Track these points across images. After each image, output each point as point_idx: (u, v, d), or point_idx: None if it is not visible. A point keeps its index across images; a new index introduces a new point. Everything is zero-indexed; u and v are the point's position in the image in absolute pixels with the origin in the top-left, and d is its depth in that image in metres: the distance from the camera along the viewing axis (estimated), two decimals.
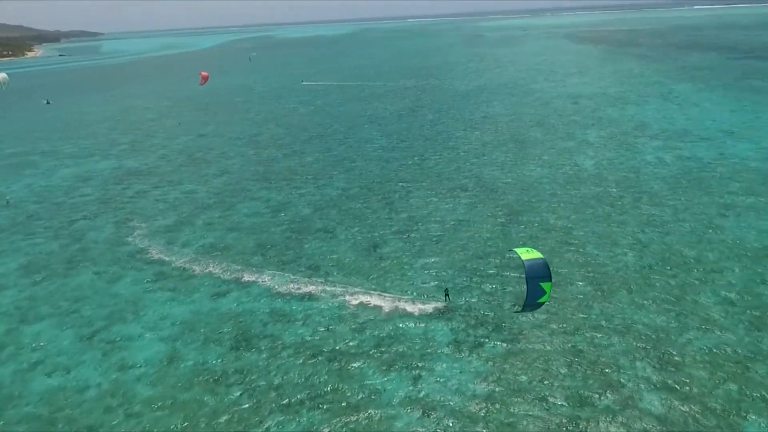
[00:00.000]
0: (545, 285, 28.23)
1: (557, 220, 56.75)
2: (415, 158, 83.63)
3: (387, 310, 41.83)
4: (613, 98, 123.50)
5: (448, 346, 37.27)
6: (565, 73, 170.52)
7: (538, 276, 28.11)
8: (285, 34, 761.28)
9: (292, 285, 47.03)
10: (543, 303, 29.59)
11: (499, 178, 71.61)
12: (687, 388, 31.80)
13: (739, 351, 34.62)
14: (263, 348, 38.63)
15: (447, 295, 42.50)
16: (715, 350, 34.89)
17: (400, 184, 71.69)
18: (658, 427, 29.08)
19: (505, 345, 36.93)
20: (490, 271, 47.09)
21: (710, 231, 51.95)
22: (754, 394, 30.91)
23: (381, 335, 38.87)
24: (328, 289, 45.85)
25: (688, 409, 30.17)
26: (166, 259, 53.94)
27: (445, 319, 40.16)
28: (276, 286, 47.03)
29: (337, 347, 38.01)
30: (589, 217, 57.15)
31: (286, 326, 41.04)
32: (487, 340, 37.65)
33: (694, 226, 53.16)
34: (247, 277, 48.98)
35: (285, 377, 35.27)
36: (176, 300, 46.10)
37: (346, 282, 46.82)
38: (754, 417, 29.35)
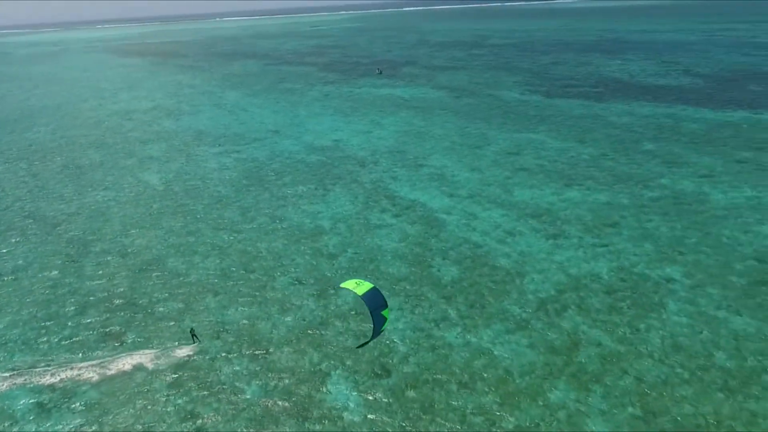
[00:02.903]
0: (385, 312, 28.65)
1: (133, 242, 55.03)
2: None
3: None
4: (167, 111, 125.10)
5: (30, 411, 32.64)
6: (114, 89, 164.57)
7: (378, 306, 28.43)
8: None
9: None
10: (383, 330, 29.70)
11: (59, 210, 65.12)
12: (278, 366, 35.27)
13: (314, 320, 39.94)
14: None
15: (194, 335, 37.99)
16: (294, 326, 39.43)
17: None
18: (260, 411, 31.53)
19: (100, 388, 34.32)
20: (68, 315, 42.85)
21: (275, 223, 57.95)
22: (330, 353, 36.19)
23: None
24: None
25: (283, 384, 33.54)
26: None
27: (22, 382, 34.99)
28: None
29: None
30: (165, 231, 57.11)
31: None
32: (78, 387, 34.36)
33: (261, 221, 58.50)
34: None
35: None
36: None
37: None
38: (335, 373, 34.40)
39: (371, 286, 29.56)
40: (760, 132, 78.97)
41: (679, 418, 29.04)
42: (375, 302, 29.06)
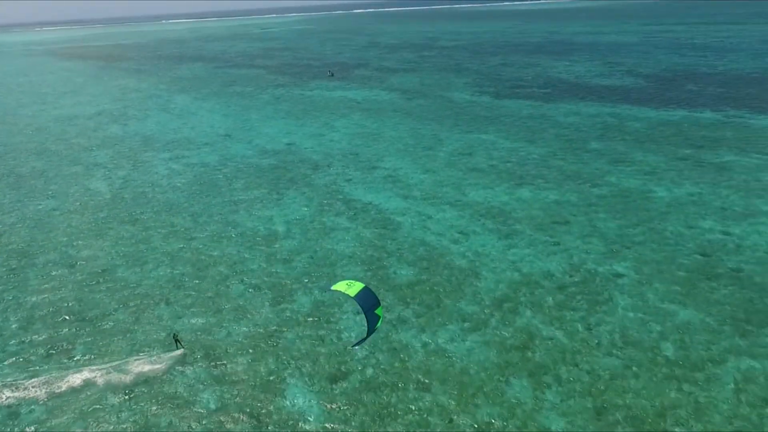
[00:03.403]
0: (378, 311, 28.43)
1: (80, 252, 53.24)
2: None
3: None
4: (114, 116, 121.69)
5: None
6: (57, 94, 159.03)
7: (371, 305, 28.15)
8: None
9: None
10: (378, 328, 29.44)
11: None
12: (235, 376, 34.70)
13: (270, 327, 39.45)
14: None
15: (177, 340, 37.02)
16: (250, 334, 38.86)
17: None
18: (217, 423, 30.95)
19: (48, 406, 33.02)
20: (11, 331, 41.12)
21: (228, 228, 57.02)
22: (287, 361, 35.83)
23: None
24: None
25: (240, 394, 33.00)
26: None
27: None
28: None
29: None
30: (113, 241, 55.46)
31: None
32: (24, 407, 32.94)
33: (214, 227, 57.46)
34: None
35: None
36: None
37: None
38: (292, 381, 34.05)
39: (362, 286, 29.27)
40: (699, 130, 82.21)
41: (632, 411, 29.90)
42: (368, 302, 28.84)
